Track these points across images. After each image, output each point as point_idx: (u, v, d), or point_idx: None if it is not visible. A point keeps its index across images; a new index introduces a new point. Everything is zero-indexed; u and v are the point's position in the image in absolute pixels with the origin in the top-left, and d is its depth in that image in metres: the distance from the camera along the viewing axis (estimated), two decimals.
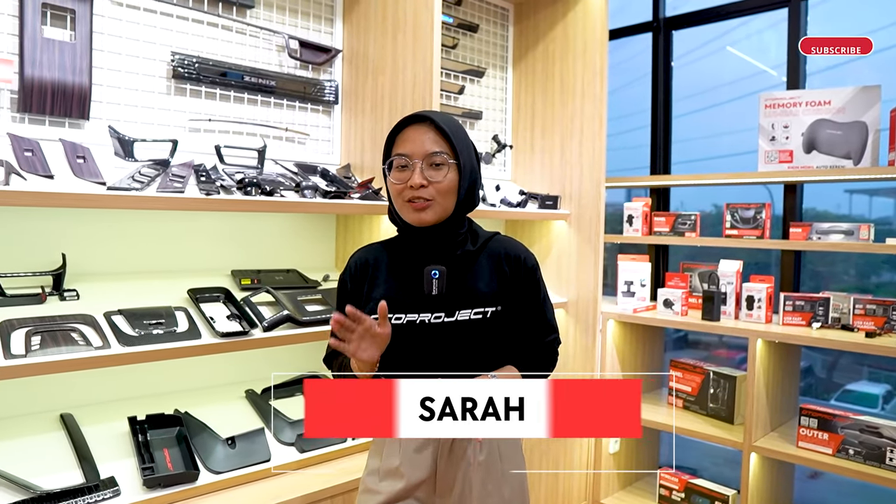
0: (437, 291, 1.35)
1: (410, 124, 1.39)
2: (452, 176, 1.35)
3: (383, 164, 1.43)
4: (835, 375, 3.98)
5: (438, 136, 1.35)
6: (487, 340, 1.39)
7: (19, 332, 1.58)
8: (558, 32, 2.95)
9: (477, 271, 1.40)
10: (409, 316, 1.37)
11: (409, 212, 1.36)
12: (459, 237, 1.40)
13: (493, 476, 1.40)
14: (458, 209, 1.39)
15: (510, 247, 1.45)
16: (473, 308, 1.36)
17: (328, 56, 2.42)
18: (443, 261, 1.38)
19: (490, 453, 1.40)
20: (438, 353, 1.37)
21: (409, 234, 1.42)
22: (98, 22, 1.90)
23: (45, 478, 1.61)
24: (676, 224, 2.98)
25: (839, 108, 2.56)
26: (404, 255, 1.43)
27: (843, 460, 2.29)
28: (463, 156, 1.36)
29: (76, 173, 1.69)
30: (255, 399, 2.16)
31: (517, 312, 1.42)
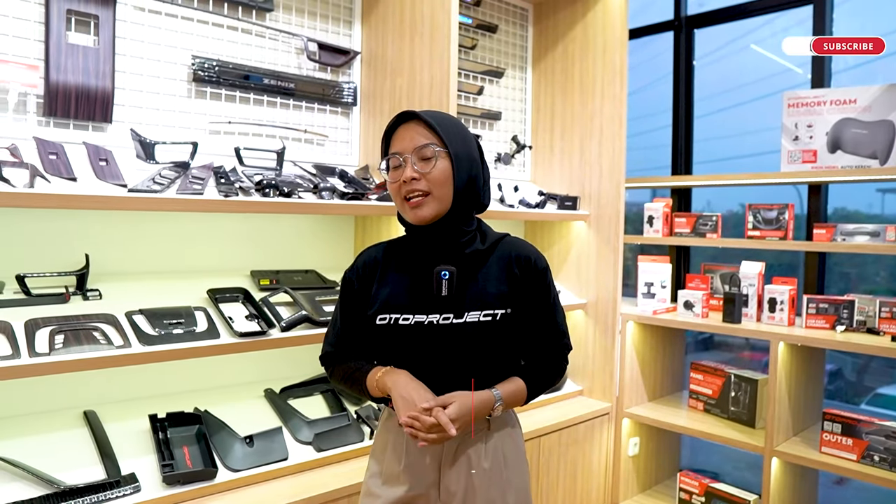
0: (446, 292, 1.33)
1: (400, 124, 1.38)
2: (443, 165, 1.33)
3: (380, 166, 1.42)
4: (865, 379, 3.90)
5: (426, 130, 1.34)
6: (496, 343, 1.38)
7: (44, 330, 1.62)
8: (578, 32, 2.94)
9: (487, 272, 1.38)
10: (417, 317, 1.35)
11: (408, 210, 1.35)
12: (466, 236, 1.38)
13: (497, 483, 1.39)
14: (458, 202, 1.35)
15: (521, 248, 1.42)
16: (483, 310, 1.34)
17: (347, 58, 2.44)
18: (452, 261, 1.36)
19: (495, 460, 1.39)
20: (446, 354, 1.36)
21: (416, 234, 1.40)
22: (120, 27, 1.94)
23: (68, 473, 1.66)
24: (697, 225, 2.95)
25: (865, 106, 2.51)
26: (413, 255, 1.41)
27: (867, 466, 2.24)
28: (454, 145, 1.34)
29: (98, 176, 1.72)
30: (274, 398, 2.18)
31: (527, 315, 1.40)
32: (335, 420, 2.14)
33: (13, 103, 1.76)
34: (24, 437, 1.75)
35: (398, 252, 1.45)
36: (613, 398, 2.84)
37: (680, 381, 3.21)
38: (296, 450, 1.99)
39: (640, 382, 2.94)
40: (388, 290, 1.39)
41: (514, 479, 1.42)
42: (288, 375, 2.34)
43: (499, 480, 1.39)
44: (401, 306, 1.36)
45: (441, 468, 1.39)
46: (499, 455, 1.40)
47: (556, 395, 2.80)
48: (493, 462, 1.39)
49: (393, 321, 1.36)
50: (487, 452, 1.39)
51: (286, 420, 2.09)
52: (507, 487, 1.40)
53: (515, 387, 1.39)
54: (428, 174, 1.31)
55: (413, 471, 1.39)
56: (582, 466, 2.72)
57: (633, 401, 2.91)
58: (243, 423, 2.00)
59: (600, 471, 2.83)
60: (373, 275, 1.44)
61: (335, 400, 2.27)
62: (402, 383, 1.34)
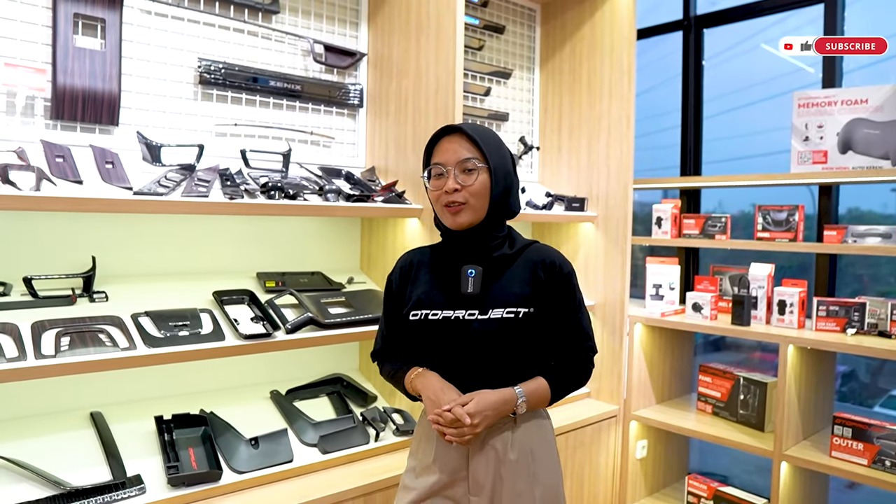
0: (472, 290, 1.45)
1: (444, 136, 1.49)
2: (483, 178, 1.44)
3: (422, 174, 1.53)
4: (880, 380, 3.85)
5: (470, 144, 1.45)
6: (518, 339, 1.45)
7: (50, 332, 1.64)
8: (586, 32, 2.92)
9: (512, 274, 1.47)
10: (444, 312, 1.46)
11: (447, 216, 1.47)
12: (496, 240, 1.48)
13: (523, 476, 1.44)
14: (493, 211, 1.46)
15: (547, 254, 1.51)
16: (506, 307, 1.43)
17: (353, 60, 2.44)
18: (480, 262, 1.47)
19: (521, 453, 1.45)
20: (472, 348, 1.45)
21: (450, 238, 1.52)
22: (127, 30, 1.95)
23: (74, 474, 1.67)
24: (706, 226, 2.92)
25: (877, 106, 2.47)
26: (444, 257, 1.53)
27: (879, 471, 2.21)
28: (493, 160, 1.45)
29: (104, 178, 1.73)
30: (280, 400, 2.19)
31: (552, 317, 1.48)
32: (341, 422, 2.13)
33: (21, 107, 1.77)
34: (31, 437, 1.76)
35: (433, 255, 1.58)
36: (621, 400, 2.82)
37: (689, 383, 3.18)
38: (301, 452, 1.99)
39: (647, 385, 2.93)
40: (421, 289, 1.52)
41: (542, 474, 1.46)
42: (294, 377, 2.34)
43: (525, 474, 1.44)
44: (431, 303, 1.48)
45: (469, 460, 1.46)
46: (526, 448, 1.46)
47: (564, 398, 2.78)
48: (520, 454, 1.45)
49: (424, 316, 1.48)
50: (514, 444, 1.45)
51: (292, 422, 2.09)
52: (535, 482, 1.45)
53: (538, 385, 1.46)
54: (469, 186, 1.43)
55: (443, 463, 1.48)
56: (589, 469, 2.71)
57: (640, 403, 2.89)
58: (249, 424, 2.00)
59: (608, 474, 2.81)
60: (408, 276, 1.57)
61: (341, 402, 2.27)
62: (431, 385, 1.46)
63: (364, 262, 2.54)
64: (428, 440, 1.52)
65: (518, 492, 1.43)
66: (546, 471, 1.48)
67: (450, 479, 1.47)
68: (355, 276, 2.42)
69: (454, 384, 1.47)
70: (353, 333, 2.06)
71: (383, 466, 2.02)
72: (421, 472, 1.51)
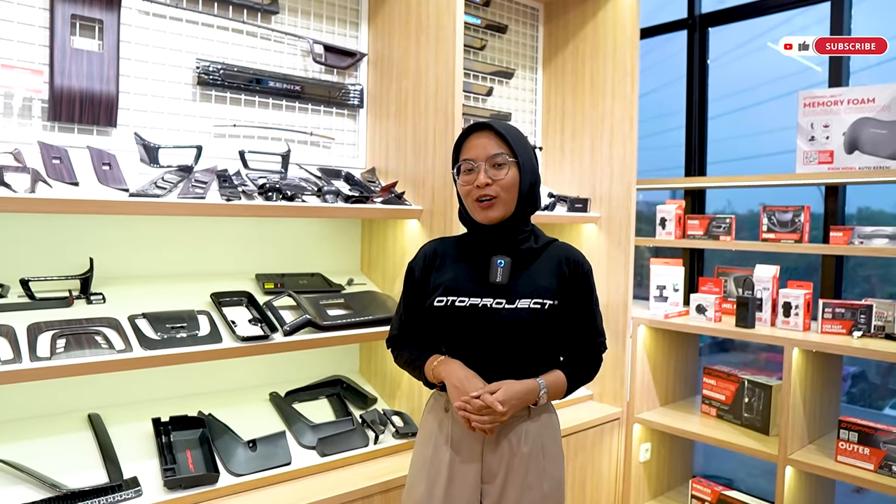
0: (500, 279, 1.48)
1: (473, 132, 1.52)
2: (513, 173, 1.48)
3: (452, 169, 1.56)
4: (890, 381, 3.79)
5: (499, 140, 1.49)
6: (541, 330, 1.48)
7: (46, 334, 1.63)
8: (588, 32, 2.90)
9: (538, 267, 1.52)
10: (472, 300, 1.49)
11: (478, 211, 1.49)
12: (524, 234, 1.53)
13: (534, 470, 1.49)
14: (521, 206, 1.50)
15: (570, 252, 1.57)
16: (533, 298, 1.47)
17: (353, 60, 2.43)
18: (507, 253, 1.51)
19: (533, 446, 1.50)
20: (497, 336, 1.48)
21: (478, 231, 1.54)
22: (125, 31, 1.95)
23: (71, 476, 1.66)
24: (711, 227, 2.89)
25: (884, 105, 2.44)
26: (472, 247, 1.56)
27: (885, 477, 2.17)
28: (522, 156, 1.49)
29: (101, 180, 1.73)
30: (279, 402, 2.18)
31: (571, 312, 1.53)
32: (340, 424, 2.12)
33: (18, 108, 1.77)
34: (29, 439, 1.76)
35: (458, 245, 1.61)
36: (624, 403, 2.79)
37: (693, 385, 3.15)
38: (299, 454, 1.98)
39: (651, 387, 2.90)
40: (448, 276, 1.54)
41: (550, 468, 1.52)
42: (294, 378, 2.33)
43: (536, 467, 1.49)
44: (458, 290, 1.51)
45: (483, 449, 1.50)
46: (538, 443, 1.51)
47: (565, 400, 2.75)
48: (532, 448, 1.50)
49: (450, 303, 1.50)
50: (528, 438, 1.49)
51: (290, 424, 2.09)
52: (544, 475, 1.50)
53: (556, 378, 1.52)
54: (500, 181, 1.46)
55: (458, 450, 1.52)
56: (591, 472, 2.68)
57: (644, 406, 2.86)
58: (247, 426, 2.00)
59: (610, 477, 2.78)
60: (432, 264, 1.59)
61: (340, 404, 2.26)
62: (455, 372, 1.48)
63: (364, 264, 2.53)
64: (442, 428, 1.55)
65: (529, 485, 1.48)
66: (554, 465, 1.53)
67: (464, 468, 1.51)
68: (355, 278, 2.41)
69: (476, 372, 1.49)
70: (353, 335, 2.05)
71: (382, 469, 2.01)
72: (434, 460, 1.54)
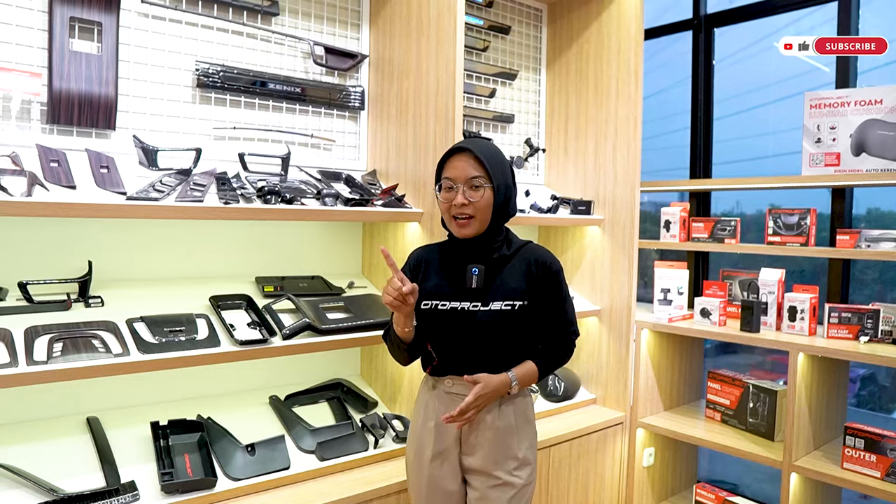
0: (475, 285, 1.68)
1: (455, 154, 1.69)
2: (488, 195, 1.65)
3: (435, 185, 1.73)
4: None
5: (477, 163, 1.65)
6: (515, 328, 1.69)
7: (43, 338, 1.63)
8: (592, 32, 2.87)
9: (509, 272, 1.70)
10: (452, 303, 1.70)
11: (455, 227, 1.69)
12: (496, 244, 1.72)
13: (509, 439, 1.71)
14: (494, 221, 1.69)
15: (539, 254, 1.75)
16: (504, 300, 1.67)
17: (354, 62, 2.41)
18: (482, 262, 1.70)
19: (507, 421, 1.71)
20: (475, 334, 1.68)
21: (458, 242, 1.74)
22: (124, 33, 1.94)
23: (68, 480, 1.66)
24: (715, 230, 2.86)
25: (891, 107, 2.40)
26: (452, 256, 1.75)
27: (892, 485, 2.14)
28: (497, 178, 1.66)
29: (98, 183, 1.72)
30: (279, 405, 2.17)
31: (542, 308, 1.72)
32: (339, 428, 2.11)
33: (16, 111, 1.76)
34: (27, 443, 1.76)
35: (441, 253, 1.80)
36: (627, 407, 2.77)
37: (698, 389, 3.12)
38: (298, 458, 1.97)
39: (655, 391, 2.87)
40: (432, 283, 1.74)
41: (524, 438, 1.73)
42: (294, 382, 2.32)
43: (510, 436, 1.71)
44: (440, 295, 1.71)
45: (462, 427, 1.72)
46: (510, 418, 1.72)
47: (568, 404, 2.74)
48: (506, 423, 1.71)
49: (434, 306, 1.71)
50: (502, 415, 1.71)
51: (289, 428, 2.08)
52: (518, 444, 1.72)
53: (528, 369, 1.71)
54: (475, 202, 1.64)
55: (440, 426, 1.73)
56: (594, 477, 2.66)
57: (648, 410, 2.84)
58: (246, 430, 1.99)
59: (613, 481, 2.76)
60: (419, 270, 1.78)
61: (340, 408, 2.25)
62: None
63: (365, 266, 2.52)
64: (427, 408, 1.76)
65: (503, 448, 1.70)
66: (526, 436, 1.74)
67: (446, 444, 1.73)
68: (356, 281, 2.40)
69: (458, 366, 1.70)
70: (352, 339, 2.04)
71: (382, 474, 2.00)
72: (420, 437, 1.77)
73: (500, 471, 1.69)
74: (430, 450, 1.74)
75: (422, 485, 1.77)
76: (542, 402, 2.69)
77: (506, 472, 1.69)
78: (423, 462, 1.76)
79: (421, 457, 1.77)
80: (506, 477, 1.69)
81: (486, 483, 1.70)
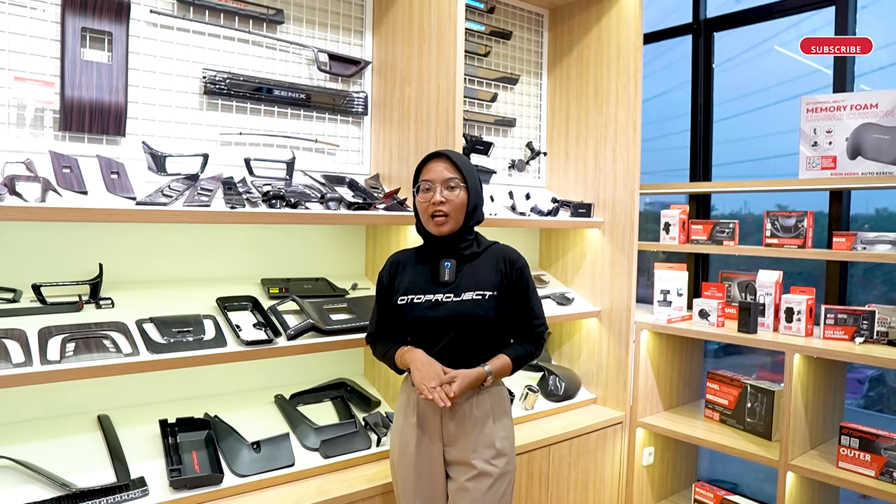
0: (448, 278, 1.80)
1: (432, 159, 1.82)
2: (463, 195, 1.79)
3: (413, 188, 1.85)
4: None
5: (452, 167, 1.80)
6: (485, 316, 1.78)
7: (56, 338, 1.69)
8: (592, 37, 2.92)
9: (480, 265, 1.83)
10: (427, 296, 1.80)
11: (433, 225, 1.80)
12: (466, 241, 1.84)
13: (486, 428, 1.79)
14: (466, 221, 1.82)
15: (505, 252, 1.88)
16: (475, 291, 1.79)
17: (357, 68, 2.46)
18: (454, 257, 1.83)
19: (484, 411, 1.80)
20: (448, 324, 1.77)
21: (432, 241, 1.85)
22: (133, 42, 2.00)
23: (80, 476, 1.71)
24: (714, 232, 2.90)
25: (887, 111, 2.43)
26: (427, 255, 1.87)
27: (886, 483, 2.17)
28: (471, 181, 1.81)
29: (109, 189, 1.78)
30: (283, 404, 2.22)
31: (510, 302, 1.83)
32: (343, 427, 2.16)
33: (30, 119, 1.83)
34: (40, 440, 1.82)
35: (416, 255, 1.91)
36: (627, 407, 2.81)
37: (697, 389, 3.16)
38: (302, 456, 2.02)
39: (654, 391, 2.91)
40: (408, 279, 1.85)
41: (500, 428, 1.82)
42: (299, 381, 2.37)
43: (487, 426, 1.79)
44: (416, 289, 1.82)
45: (443, 418, 1.80)
46: (486, 408, 1.81)
47: (569, 404, 2.78)
48: (482, 412, 1.80)
49: (409, 300, 1.81)
50: (479, 405, 1.80)
51: (294, 426, 2.13)
52: (495, 432, 1.80)
53: (502, 362, 1.81)
54: (452, 201, 1.76)
55: (422, 421, 1.82)
56: (594, 476, 2.70)
57: (647, 410, 2.87)
58: (252, 428, 2.04)
59: (613, 480, 2.80)
60: (396, 272, 1.89)
61: (344, 406, 2.30)
62: (418, 359, 1.76)
63: (369, 268, 2.57)
64: (409, 403, 1.84)
65: (482, 438, 1.77)
66: (502, 426, 1.82)
67: (428, 433, 1.80)
68: (359, 282, 2.45)
69: (434, 355, 1.77)
70: (355, 340, 2.09)
71: (384, 471, 2.05)
72: (403, 429, 1.84)
73: (478, 459, 1.76)
74: (413, 446, 1.81)
75: (408, 481, 1.82)
76: (542, 401, 2.73)
77: (483, 461, 1.76)
78: (408, 458, 1.82)
79: (405, 452, 1.83)
80: (483, 466, 1.76)
81: (464, 474, 1.77)
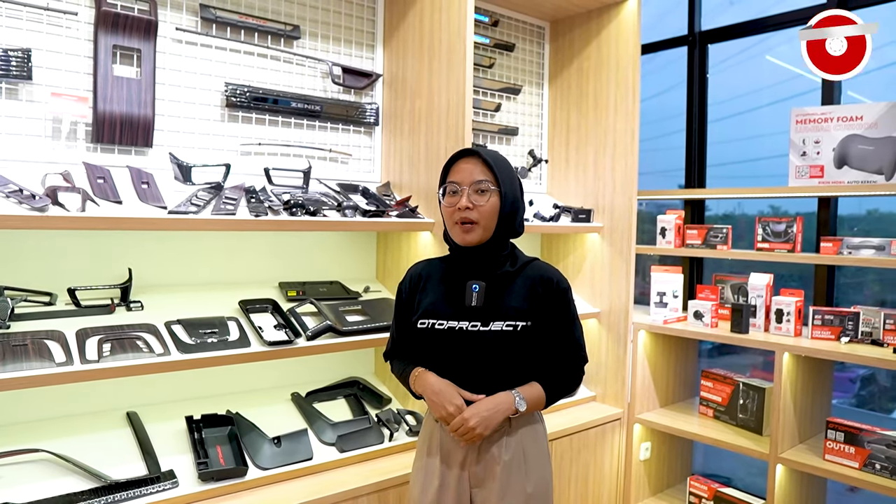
0: (475, 303, 1.56)
1: (461, 158, 1.60)
2: (495, 200, 1.56)
3: (438, 191, 1.63)
4: None
5: (484, 168, 1.57)
6: (516, 350, 1.57)
7: (93, 339, 1.79)
8: (592, 50, 3.04)
9: (512, 290, 1.58)
10: (449, 322, 1.58)
11: (458, 233, 1.57)
12: (500, 258, 1.60)
13: (517, 473, 1.58)
14: (499, 232, 1.58)
15: (545, 271, 1.63)
16: (506, 321, 1.55)
17: (369, 81, 2.58)
18: (484, 278, 1.58)
19: (516, 453, 1.59)
20: (473, 357, 1.57)
21: (459, 253, 1.63)
22: (160, 58, 2.11)
23: (114, 468, 1.82)
24: (708, 236, 3.03)
25: (871, 123, 2.57)
26: (452, 271, 1.64)
27: (869, 474, 2.31)
28: (505, 185, 1.56)
29: (141, 198, 1.89)
30: (300, 402, 2.33)
31: (548, 329, 1.60)
32: (357, 423, 2.27)
33: (66, 132, 1.93)
34: (75, 435, 1.92)
35: (441, 268, 1.69)
36: (625, 404, 2.93)
37: (692, 387, 3.28)
38: (320, 450, 2.13)
39: (651, 389, 3.04)
40: (429, 299, 1.63)
41: (534, 471, 1.60)
42: (314, 380, 2.48)
43: (518, 471, 1.58)
44: (437, 313, 1.60)
45: (467, 459, 1.61)
46: (520, 449, 1.59)
47: (570, 401, 2.91)
48: (514, 455, 1.59)
49: (430, 325, 1.60)
50: (509, 446, 1.58)
51: (311, 422, 2.24)
52: (527, 480, 1.59)
53: (535, 391, 1.59)
54: (481, 206, 1.54)
55: (447, 459, 1.63)
56: (594, 470, 2.82)
57: (644, 407, 3.00)
58: (272, 424, 2.15)
59: (612, 474, 2.92)
60: (417, 286, 1.68)
61: (357, 404, 2.41)
62: (430, 386, 1.59)
63: (380, 272, 2.68)
64: (432, 438, 1.67)
65: (513, 488, 1.58)
66: (537, 467, 1.62)
67: (453, 474, 1.62)
68: (371, 286, 2.56)
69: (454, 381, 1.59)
70: (369, 340, 2.20)
71: (396, 465, 2.16)
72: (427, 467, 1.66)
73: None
74: (435, 486, 1.63)
75: None
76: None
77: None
78: (429, 495, 1.64)
79: (427, 490, 1.65)
80: None
81: None
